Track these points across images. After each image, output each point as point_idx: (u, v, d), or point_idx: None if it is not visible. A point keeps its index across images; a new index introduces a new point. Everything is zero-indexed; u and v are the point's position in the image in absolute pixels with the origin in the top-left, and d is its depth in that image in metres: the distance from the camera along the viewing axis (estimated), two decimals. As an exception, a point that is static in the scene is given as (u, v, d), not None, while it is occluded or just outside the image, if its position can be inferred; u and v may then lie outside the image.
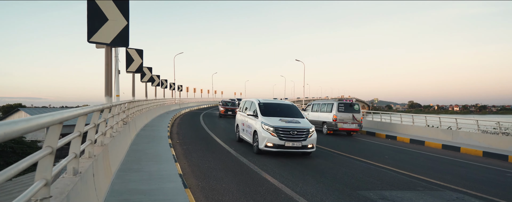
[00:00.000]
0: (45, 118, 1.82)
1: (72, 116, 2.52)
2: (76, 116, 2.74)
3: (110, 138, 5.69)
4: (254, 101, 11.12)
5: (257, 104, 10.68)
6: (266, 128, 9.29)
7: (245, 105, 11.99)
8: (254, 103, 11.04)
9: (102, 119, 4.85)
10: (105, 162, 4.74)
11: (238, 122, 11.95)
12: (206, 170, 7.35)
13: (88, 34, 5.33)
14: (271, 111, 10.38)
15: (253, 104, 11.09)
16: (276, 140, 9.10)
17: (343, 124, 16.78)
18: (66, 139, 2.59)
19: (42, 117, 1.78)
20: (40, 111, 45.44)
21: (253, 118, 10.27)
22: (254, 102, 11.00)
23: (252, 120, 10.35)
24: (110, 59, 5.73)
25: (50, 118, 1.90)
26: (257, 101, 10.95)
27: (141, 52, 12.11)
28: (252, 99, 11.70)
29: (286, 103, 11.38)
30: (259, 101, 10.88)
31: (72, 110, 2.64)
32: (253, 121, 10.17)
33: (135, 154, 7.75)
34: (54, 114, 2.00)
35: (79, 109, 2.89)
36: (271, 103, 11.06)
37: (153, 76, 20.00)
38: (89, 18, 5.34)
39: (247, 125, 10.81)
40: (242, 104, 12.47)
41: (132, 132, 10.39)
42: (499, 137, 13.43)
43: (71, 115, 2.45)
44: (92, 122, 3.99)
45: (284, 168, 7.91)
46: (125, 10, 5.65)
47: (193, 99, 49.79)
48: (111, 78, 5.75)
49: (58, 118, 2.04)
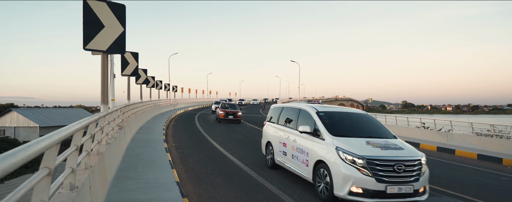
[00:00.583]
0: (44, 141, 1.76)
1: (70, 133, 2.46)
2: (74, 132, 2.67)
3: (106, 146, 5.61)
4: (307, 108, 7.08)
5: (314, 114, 6.66)
6: (349, 160, 5.35)
7: (284, 113, 8.07)
8: (307, 112, 6.97)
9: (98, 127, 4.77)
10: (102, 171, 4.66)
11: (273, 140, 8.04)
12: (203, 176, 7.29)
13: (84, 42, 5.25)
14: (342, 126, 6.46)
15: (305, 114, 7.05)
16: (371, 182, 5.15)
17: None
18: (63, 156, 2.52)
19: (40, 142, 1.71)
20: (33, 112, 44.92)
21: (311, 137, 6.33)
22: (308, 111, 6.93)
23: (308, 142, 6.38)
24: (107, 66, 5.65)
25: (49, 140, 1.84)
26: (313, 109, 6.92)
27: (136, 55, 12.00)
28: (296, 104, 7.89)
29: (356, 111, 7.34)
30: (316, 110, 6.80)
31: (70, 126, 2.58)
32: (312, 143, 6.24)
33: (131, 160, 7.67)
34: (53, 135, 1.94)
35: (76, 124, 2.82)
36: (337, 112, 7.02)
37: (148, 78, 19.86)
38: (85, 25, 5.25)
39: (297, 148, 6.76)
40: (275, 111, 8.62)
41: (128, 136, 10.29)
42: (493, 140, 13.54)
43: (69, 132, 2.39)
44: (89, 133, 3.91)
45: (281, 173, 7.88)
46: (121, 16, 5.57)
47: (188, 100, 49.58)
48: (107, 86, 5.67)
49: (57, 138, 1.98)
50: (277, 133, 7.92)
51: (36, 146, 1.59)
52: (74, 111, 53.00)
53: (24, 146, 1.50)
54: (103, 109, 5.66)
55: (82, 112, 53.29)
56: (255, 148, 11.87)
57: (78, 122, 2.91)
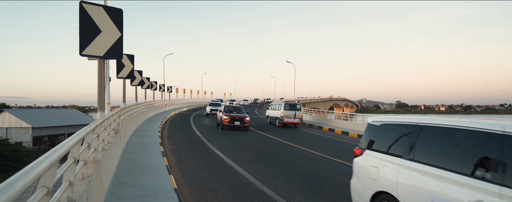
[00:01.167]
0: (42, 163, 1.67)
1: (68, 148, 2.37)
2: (72, 146, 2.58)
3: (102, 152, 5.51)
4: None
5: None
6: None
7: (433, 139, 3.72)
8: None
9: (95, 135, 4.67)
10: (99, 180, 4.57)
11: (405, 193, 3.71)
12: (200, 181, 7.21)
13: (80, 47, 5.12)
14: None
15: None
16: None
17: (288, 118, 22.56)
18: (61, 172, 2.43)
19: (38, 165, 1.62)
20: (25, 112, 44.33)
21: None
22: None
23: None
24: (103, 72, 5.53)
25: (48, 161, 1.75)
26: None
27: (132, 58, 11.86)
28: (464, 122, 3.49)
29: None
30: None
31: (68, 141, 2.49)
32: None
33: (127, 165, 7.56)
34: (51, 154, 1.86)
35: (75, 137, 2.73)
36: None
37: (143, 79, 19.69)
38: (81, 30, 5.12)
39: None
40: (393, 133, 4.33)
41: (123, 139, 10.16)
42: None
43: (68, 148, 2.30)
44: (86, 142, 3.82)
45: (279, 178, 7.82)
46: (118, 21, 5.45)
47: (183, 101, 49.35)
48: (104, 92, 5.54)
49: (55, 157, 1.90)
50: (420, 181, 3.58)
51: (34, 170, 1.51)
52: (67, 111, 52.38)
53: (22, 172, 1.42)
54: (100, 116, 5.54)
55: (75, 112, 52.73)
56: (249, 149, 11.83)
57: (76, 134, 2.82)
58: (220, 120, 19.26)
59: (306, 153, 11.99)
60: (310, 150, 12.59)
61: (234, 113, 19.05)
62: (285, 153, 11.59)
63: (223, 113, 19.03)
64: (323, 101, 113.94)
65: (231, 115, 18.42)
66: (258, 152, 11.63)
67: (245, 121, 18.24)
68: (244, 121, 18.23)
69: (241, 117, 18.34)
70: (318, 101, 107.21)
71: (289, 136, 17.59)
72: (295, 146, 13.57)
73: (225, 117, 18.31)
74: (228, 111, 19.53)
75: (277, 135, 17.32)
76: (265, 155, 10.97)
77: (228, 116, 18.27)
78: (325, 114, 32.54)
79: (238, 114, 18.99)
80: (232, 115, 18.43)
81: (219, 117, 20.01)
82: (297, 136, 18.08)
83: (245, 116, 18.68)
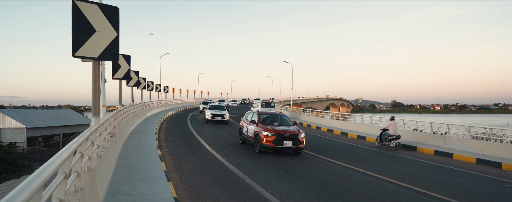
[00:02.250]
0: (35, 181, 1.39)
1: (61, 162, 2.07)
2: (65, 160, 2.28)
3: (97, 159, 5.18)
4: None
5: None
6: None
7: None
8: None
9: (89, 142, 4.35)
10: (93, 191, 4.25)
11: None
12: (200, 187, 6.91)
13: (73, 48, 4.76)
14: None
15: None
16: None
17: None
18: (50, 191, 2.12)
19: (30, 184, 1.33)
20: (19, 112, 43.67)
21: None
22: None
23: None
24: (98, 75, 5.18)
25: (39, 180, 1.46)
26: None
27: (128, 58, 11.49)
28: None
29: None
30: None
31: (60, 154, 2.19)
32: None
33: (123, 171, 7.23)
34: (42, 172, 1.56)
35: (65, 150, 2.42)
36: None
37: (140, 79, 19.31)
38: (74, 29, 4.76)
39: None
40: None
41: (119, 142, 9.82)
42: (491, 143, 13.44)
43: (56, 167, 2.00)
44: (79, 152, 3.50)
45: (281, 183, 7.54)
46: (114, 20, 5.10)
47: (179, 101, 48.91)
48: (99, 96, 5.19)
49: (40, 182, 1.59)
50: None
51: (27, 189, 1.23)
52: (62, 111, 51.67)
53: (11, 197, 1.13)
54: (94, 122, 5.19)
55: (70, 112, 52.05)
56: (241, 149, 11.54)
57: (66, 148, 2.51)
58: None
59: (305, 154, 11.72)
60: (309, 151, 12.33)
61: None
62: (287, 155, 11.31)
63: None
64: (319, 100, 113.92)
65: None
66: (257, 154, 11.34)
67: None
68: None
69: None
70: (314, 100, 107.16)
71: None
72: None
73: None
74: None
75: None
76: (266, 157, 10.68)
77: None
78: (322, 114, 33.05)
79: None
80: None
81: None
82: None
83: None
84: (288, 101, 71.09)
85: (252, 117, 12.85)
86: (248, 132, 12.68)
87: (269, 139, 10.99)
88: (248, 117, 13.39)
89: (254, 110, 13.55)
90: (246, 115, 13.93)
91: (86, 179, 3.96)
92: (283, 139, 10.98)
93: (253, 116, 12.88)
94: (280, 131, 11.25)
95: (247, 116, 13.60)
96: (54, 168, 1.95)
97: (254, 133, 11.85)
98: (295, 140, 11.10)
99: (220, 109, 23.71)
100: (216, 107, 24.09)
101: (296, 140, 11.10)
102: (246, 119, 13.43)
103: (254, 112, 13.15)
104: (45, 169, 1.77)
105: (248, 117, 13.47)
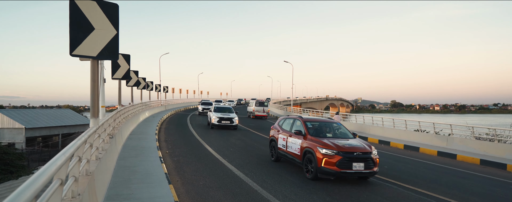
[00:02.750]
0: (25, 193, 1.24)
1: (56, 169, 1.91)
2: (61, 166, 2.11)
3: (96, 162, 5.00)
4: None
5: None
6: None
7: None
8: None
9: (88, 145, 4.17)
10: (92, 196, 4.07)
11: None
12: (201, 190, 6.74)
13: (71, 46, 4.57)
14: None
15: None
16: None
17: (258, 112, 30.80)
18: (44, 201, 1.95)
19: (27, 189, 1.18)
20: (18, 112, 43.46)
21: None
22: None
23: None
24: (97, 74, 4.99)
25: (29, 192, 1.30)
26: None
27: (128, 58, 11.30)
28: None
29: None
30: None
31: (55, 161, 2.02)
32: None
33: (123, 173, 7.05)
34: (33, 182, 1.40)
35: (61, 156, 2.25)
36: None
37: (139, 79, 19.13)
38: (72, 27, 4.56)
39: None
40: None
41: (119, 143, 9.64)
42: (495, 144, 13.29)
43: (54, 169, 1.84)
44: (76, 155, 3.33)
45: (285, 185, 7.37)
46: (114, 17, 4.91)
47: (179, 101, 48.72)
48: (98, 97, 5.00)
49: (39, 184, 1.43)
50: None
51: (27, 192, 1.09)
52: (61, 112, 51.39)
53: None
54: (93, 123, 4.99)
55: (70, 113, 51.80)
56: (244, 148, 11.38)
57: (63, 153, 2.34)
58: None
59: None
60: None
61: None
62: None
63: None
64: (319, 100, 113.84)
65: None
66: (256, 154, 11.17)
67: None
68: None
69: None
70: (314, 100, 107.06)
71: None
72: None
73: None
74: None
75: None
76: (266, 158, 10.51)
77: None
78: (322, 114, 33.40)
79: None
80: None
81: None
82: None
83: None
84: (288, 101, 70.92)
85: (294, 126, 9.57)
86: (288, 146, 9.28)
87: (331, 160, 7.66)
88: (285, 124, 10.18)
89: (293, 116, 10.13)
90: (280, 122, 10.61)
91: (84, 183, 3.78)
92: (352, 159, 7.67)
93: (294, 123, 9.65)
94: (346, 147, 7.84)
95: (283, 123, 10.32)
96: (47, 176, 1.78)
97: (302, 150, 8.46)
98: (368, 162, 7.81)
99: (228, 111, 21.46)
100: (223, 109, 21.69)
101: (369, 161, 7.82)
102: (282, 128, 10.15)
103: (296, 118, 9.86)
104: (37, 178, 1.60)
105: (284, 124, 10.22)
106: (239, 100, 73.67)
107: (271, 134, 10.73)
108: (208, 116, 21.68)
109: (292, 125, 9.68)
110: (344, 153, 7.71)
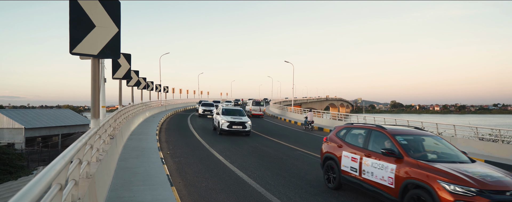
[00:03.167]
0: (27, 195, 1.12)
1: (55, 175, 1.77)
2: (60, 171, 1.97)
3: (97, 164, 4.85)
4: None
5: None
6: None
7: None
8: None
9: (88, 146, 4.03)
10: (92, 200, 3.92)
11: None
12: (204, 192, 6.59)
13: (71, 44, 4.42)
14: None
15: None
16: None
17: (254, 111, 33.31)
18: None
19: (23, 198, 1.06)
20: (18, 112, 43.30)
21: None
22: None
23: None
24: (98, 74, 4.84)
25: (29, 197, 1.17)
26: None
27: (129, 57, 11.15)
28: None
29: None
30: None
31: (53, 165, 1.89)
32: None
33: (124, 174, 6.90)
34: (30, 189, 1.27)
35: (60, 160, 2.11)
36: None
37: (140, 79, 18.98)
38: (72, 24, 4.41)
39: None
40: None
41: (119, 144, 9.49)
42: (499, 145, 13.14)
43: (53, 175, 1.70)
44: (77, 157, 3.19)
45: (289, 187, 7.23)
46: (116, 14, 4.76)
47: (179, 101, 48.59)
48: (98, 97, 4.86)
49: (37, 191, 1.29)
50: None
51: None
52: (61, 112, 51.23)
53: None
54: (94, 124, 4.85)
55: (69, 113, 51.63)
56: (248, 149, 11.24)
57: (62, 156, 2.20)
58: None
59: (307, 155, 11.43)
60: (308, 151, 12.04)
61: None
62: (289, 157, 11.01)
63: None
64: (319, 100, 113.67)
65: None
66: (262, 156, 11.03)
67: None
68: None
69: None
70: (314, 100, 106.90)
71: (293, 139, 16.99)
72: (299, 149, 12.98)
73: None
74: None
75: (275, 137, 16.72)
76: (268, 159, 10.37)
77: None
78: (321, 114, 33.93)
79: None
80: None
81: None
82: (300, 138, 17.50)
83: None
84: (288, 101, 70.79)
85: (372, 140, 6.47)
86: (366, 171, 6.17)
87: None
88: (351, 137, 7.12)
89: (366, 125, 7.07)
90: (340, 132, 7.54)
91: (85, 187, 3.64)
92: None
93: (371, 137, 6.53)
94: (491, 183, 4.69)
95: (347, 135, 7.24)
96: (45, 183, 1.64)
97: (400, 181, 5.38)
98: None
99: (238, 114, 17.92)
100: (232, 111, 18.07)
101: None
102: (345, 142, 7.11)
103: (372, 128, 6.69)
104: (34, 185, 1.46)
105: (349, 137, 7.16)
106: (236, 100, 73.46)
107: (325, 149, 7.71)
108: (215, 120, 18.36)
109: (368, 139, 6.55)
110: (490, 193, 4.55)
